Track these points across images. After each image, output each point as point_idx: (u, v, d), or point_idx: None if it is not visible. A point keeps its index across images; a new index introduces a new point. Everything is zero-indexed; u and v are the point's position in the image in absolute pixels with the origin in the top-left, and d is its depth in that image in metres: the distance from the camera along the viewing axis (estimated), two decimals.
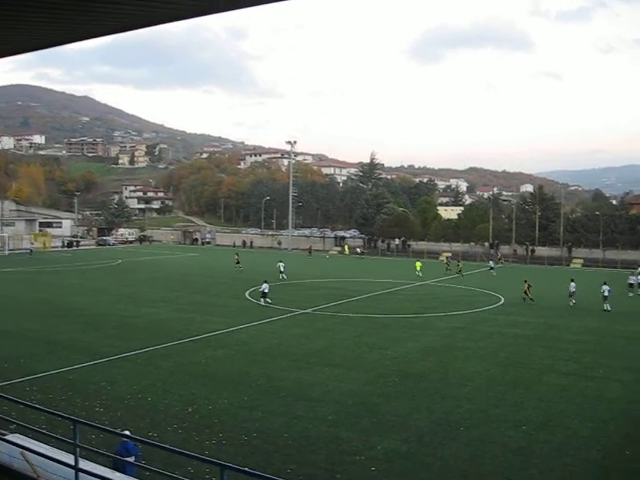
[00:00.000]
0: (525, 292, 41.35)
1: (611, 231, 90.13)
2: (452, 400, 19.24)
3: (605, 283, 39.92)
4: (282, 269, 53.23)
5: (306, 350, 26.33)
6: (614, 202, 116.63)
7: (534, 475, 13.76)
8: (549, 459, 14.64)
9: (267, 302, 38.18)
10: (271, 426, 16.57)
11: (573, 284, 41.88)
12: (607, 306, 38.80)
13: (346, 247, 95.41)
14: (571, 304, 40.95)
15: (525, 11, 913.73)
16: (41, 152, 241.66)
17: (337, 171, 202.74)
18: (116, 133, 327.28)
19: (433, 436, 16.09)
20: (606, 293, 39.22)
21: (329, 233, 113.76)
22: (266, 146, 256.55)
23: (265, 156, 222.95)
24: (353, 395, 19.55)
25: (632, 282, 47.07)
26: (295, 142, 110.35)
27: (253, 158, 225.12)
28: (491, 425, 17.03)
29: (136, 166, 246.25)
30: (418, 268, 59.15)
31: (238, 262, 60.48)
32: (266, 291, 38.54)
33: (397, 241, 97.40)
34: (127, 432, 11.16)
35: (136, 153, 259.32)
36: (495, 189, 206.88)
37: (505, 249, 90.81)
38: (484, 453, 14.94)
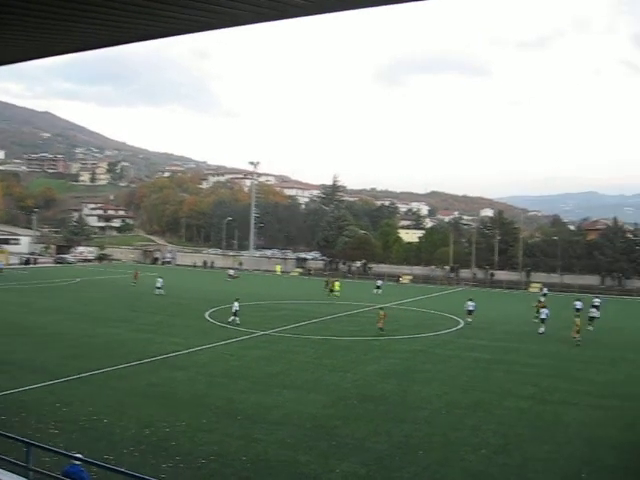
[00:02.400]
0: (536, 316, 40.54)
1: (569, 256, 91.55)
2: (411, 423, 19.20)
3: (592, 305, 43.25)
4: (159, 285, 54.99)
5: (265, 372, 26.09)
6: (572, 228, 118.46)
7: None
8: None
9: (236, 322, 38.00)
10: (229, 449, 16.34)
11: (471, 303, 43.64)
12: (590, 327, 40.88)
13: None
14: (469, 320, 42.86)
15: (486, 40, 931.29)
16: (0, 167, 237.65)
17: (299, 192, 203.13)
18: (77, 150, 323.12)
19: (392, 459, 16.01)
20: (592, 314, 42.06)
21: (291, 254, 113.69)
22: (229, 166, 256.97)
23: (228, 176, 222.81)
24: (312, 418, 19.40)
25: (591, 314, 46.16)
26: (258, 163, 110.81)
27: (215, 178, 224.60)
28: (450, 448, 17.02)
29: (97, 184, 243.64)
30: (337, 288, 60.46)
31: (136, 277, 63.77)
32: (237, 309, 38.45)
33: (358, 264, 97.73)
34: (79, 455, 10.87)
35: (97, 170, 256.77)
36: (456, 213, 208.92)
37: (465, 273, 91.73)
38: (443, 477, 14.91)
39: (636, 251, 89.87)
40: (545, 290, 67.86)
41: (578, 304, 47.80)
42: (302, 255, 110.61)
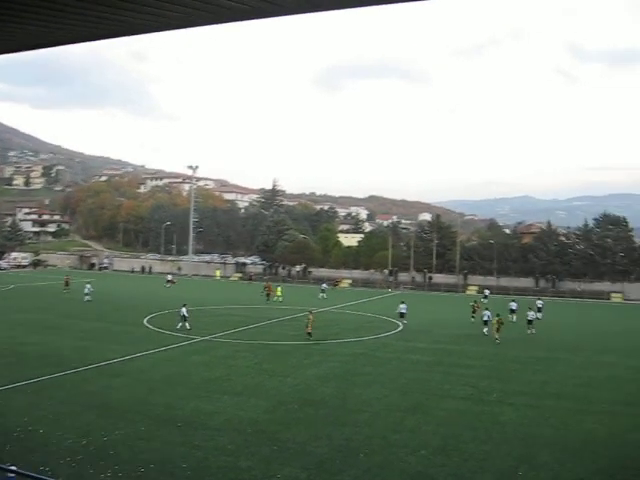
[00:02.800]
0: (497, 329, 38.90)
1: (504, 259, 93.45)
2: (352, 426, 19.31)
3: (530, 309, 43.54)
4: (87, 291, 54.16)
5: (205, 378, 25.87)
6: (507, 231, 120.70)
7: None
8: None
9: (186, 327, 37.85)
10: (169, 456, 16.14)
11: (403, 305, 45.19)
12: (532, 330, 41.99)
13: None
14: (403, 322, 44.08)
15: (425, 47, 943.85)
16: None
17: (239, 197, 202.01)
18: (11, 153, 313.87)
19: (333, 463, 16.07)
20: (530, 317, 42.49)
21: (230, 259, 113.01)
22: (167, 170, 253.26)
23: (166, 180, 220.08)
24: (253, 423, 19.32)
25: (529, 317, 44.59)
26: (197, 167, 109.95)
27: (154, 182, 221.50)
28: (390, 450, 17.19)
29: (31, 187, 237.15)
30: (279, 293, 60.92)
31: (67, 284, 62.10)
32: (186, 315, 38.18)
33: (298, 268, 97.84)
34: (13, 467, 10.56)
35: (32, 174, 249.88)
36: (394, 217, 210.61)
37: (404, 276, 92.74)
38: (384, 479, 15.03)
39: (569, 254, 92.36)
40: (487, 292, 69.23)
41: (513, 305, 49.41)
42: (242, 260, 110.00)
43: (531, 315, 42.87)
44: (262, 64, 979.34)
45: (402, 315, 45.04)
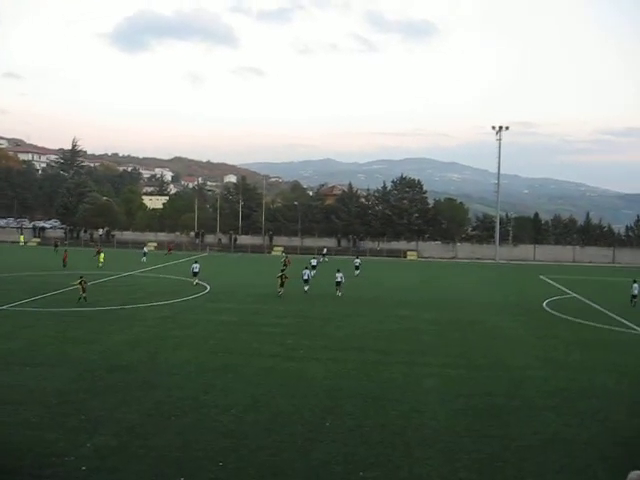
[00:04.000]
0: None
1: (308, 220, 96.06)
2: (162, 390, 19.14)
3: (339, 270, 43.77)
4: None
5: (4, 350, 24.32)
6: (311, 193, 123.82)
7: (244, 455, 14.23)
8: (258, 438, 15.25)
9: None
10: None
11: (196, 265, 46.67)
12: (339, 292, 42.40)
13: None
14: (194, 283, 45.38)
15: (228, 7, 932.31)
16: None
17: (36, 157, 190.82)
18: None
19: (144, 428, 15.88)
20: (338, 279, 42.85)
21: (27, 224, 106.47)
22: None
23: None
24: (58, 394, 18.54)
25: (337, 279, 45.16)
26: None
27: None
28: (201, 411, 17.27)
29: None
30: (101, 259, 59.11)
31: None
32: None
33: (101, 231, 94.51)
34: None
35: None
36: (200, 179, 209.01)
37: (210, 238, 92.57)
38: (196, 439, 15.10)
39: (369, 215, 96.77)
40: (325, 251, 76.97)
41: (357, 262, 57.56)
42: (40, 224, 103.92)
43: (339, 277, 43.36)
44: (57, 17, 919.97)
45: (195, 274, 46.20)
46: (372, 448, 14.87)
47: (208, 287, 43.97)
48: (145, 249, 69.88)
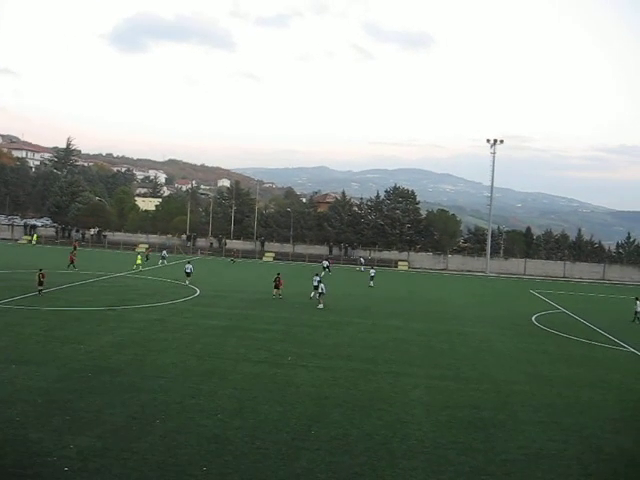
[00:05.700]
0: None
1: (301, 227, 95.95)
2: (148, 393, 19.05)
3: (317, 274, 44.05)
4: None
5: None
6: (304, 200, 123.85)
7: (229, 461, 14.16)
8: (242, 444, 15.20)
9: None
10: None
11: (189, 265, 48.63)
12: (315, 295, 41.78)
13: (35, 237, 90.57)
14: (187, 282, 47.04)
15: (227, 11, 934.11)
16: None
17: (30, 155, 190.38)
18: None
19: (128, 430, 15.79)
20: (315, 283, 42.12)
21: (18, 221, 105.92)
22: None
23: None
24: (44, 393, 18.43)
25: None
26: None
27: None
28: (187, 415, 17.19)
29: None
30: (139, 262, 59.48)
31: None
32: None
33: (92, 231, 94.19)
34: None
35: None
36: (194, 182, 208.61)
37: (202, 242, 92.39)
38: (180, 444, 15.03)
39: (361, 223, 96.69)
40: (325, 263, 71.27)
41: (372, 272, 58.78)
42: (31, 222, 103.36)
43: (316, 280, 42.26)
44: (59, 14, 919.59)
45: (188, 275, 48.13)
46: (357, 457, 14.84)
47: (198, 290, 43.85)
48: (164, 252, 69.96)
